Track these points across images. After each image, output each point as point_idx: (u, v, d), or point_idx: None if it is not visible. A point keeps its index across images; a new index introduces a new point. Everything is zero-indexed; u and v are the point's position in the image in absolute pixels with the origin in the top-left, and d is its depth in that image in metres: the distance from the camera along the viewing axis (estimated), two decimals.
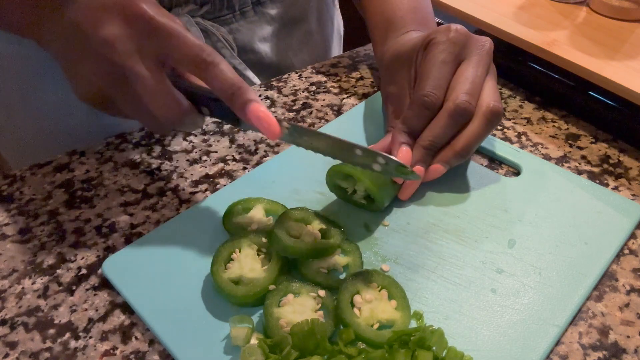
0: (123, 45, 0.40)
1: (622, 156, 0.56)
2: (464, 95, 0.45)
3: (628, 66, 0.57)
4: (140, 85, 0.40)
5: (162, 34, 0.40)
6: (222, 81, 0.40)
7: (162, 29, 0.40)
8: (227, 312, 0.40)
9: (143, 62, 0.40)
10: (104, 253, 0.46)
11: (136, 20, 0.40)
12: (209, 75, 0.40)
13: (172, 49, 0.40)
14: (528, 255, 0.44)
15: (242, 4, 0.67)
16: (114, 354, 0.39)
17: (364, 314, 0.38)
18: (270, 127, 0.40)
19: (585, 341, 0.39)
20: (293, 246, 0.41)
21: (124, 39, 0.40)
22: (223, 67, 0.40)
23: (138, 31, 0.40)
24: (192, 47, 0.40)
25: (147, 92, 0.40)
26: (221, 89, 0.40)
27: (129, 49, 0.40)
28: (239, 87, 0.40)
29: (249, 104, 0.40)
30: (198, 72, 0.41)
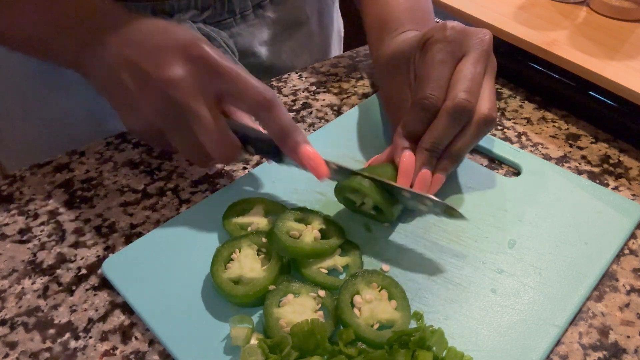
0: (187, 85, 0.41)
1: (622, 156, 0.56)
2: (462, 93, 0.44)
3: (628, 66, 0.57)
4: (199, 125, 0.42)
5: (225, 75, 0.42)
6: (280, 123, 0.43)
7: (227, 70, 0.42)
8: (227, 312, 0.40)
9: (204, 102, 0.42)
10: (104, 253, 0.46)
11: (199, 61, 0.42)
12: (268, 116, 0.42)
13: (235, 90, 0.42)
14: (528, 255, 0.44)
15: (243, 8, 0.67)
16: (114, 354, 0.39)
17: (364, 314, 0.38)
18: (318, 168, 0.43)
19: (585, 341, 0.39)
20: (293, 246, 0.41)
21: (188, 79, 0.41)
22: (282, 109, 0.43)
23: (201, 72, 0.42)
24: (256, 89, 0.42)
25: (205, 131, 0.42)
26: (277, 130, 0.43)
27: (193, 89, 0.41)
28: (294, 130, 0.43)
29: (300, 145, 0.43)
30: (257, 112, 0.43)
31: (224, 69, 0.42)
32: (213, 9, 0.64)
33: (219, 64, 0.42)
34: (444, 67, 0.46)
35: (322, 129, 0.58)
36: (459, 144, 0.45)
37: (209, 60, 0.42)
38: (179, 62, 0.41)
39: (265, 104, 0.42)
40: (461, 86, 0.45)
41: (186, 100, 0.41)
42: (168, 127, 0.43)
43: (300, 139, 0.43)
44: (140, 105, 0.43)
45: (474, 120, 0.45)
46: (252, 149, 0.47)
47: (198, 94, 0.41)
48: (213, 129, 0.42)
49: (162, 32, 0.44)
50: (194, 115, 0.41)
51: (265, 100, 0.42)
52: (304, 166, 0.44)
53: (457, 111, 0.44)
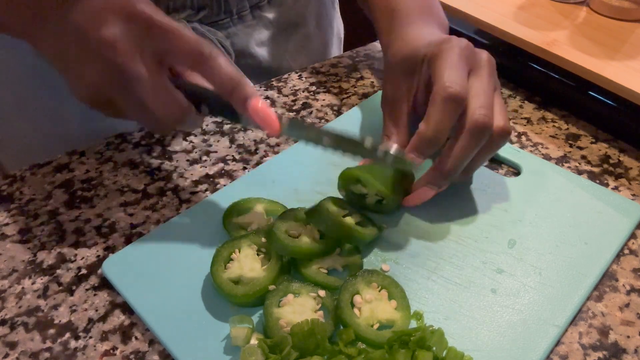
0: (123, 46, 0.39)
1: (622, 156, 0.56)
2: (481, 109, 0.42)
3: (628, 66, 0.57)
4: (140, 86, 0.40)
5: (160, 32, 0.40)
6: (222, 75, 0.40)
7: (160, 27, 0.40)
8: (227, 312, 0.40)
9: (143, 62, 0.40)
10: (104, 253, 0.46)
11: (135, 20, 0.40)
12: (208, 69, 0.40)
13: (170, 46, 0.40)
14: (528, 255, 0.44)
15: (240, 8, 0.67)
16: (113, 354, 0.39)
17: (364, 314, 0.38)
18: (270, 123, 0.41)
19: (585, 341, 0.39)
20: (291, 246, 0.41)
21: (124, 39, 0.39)
22: (222, 61, 0.40)
23: (137, 31, 0.40)
24: (190, 42, 0.40)
25: (147, 92, 0.40)
26: (221, 83, 0.41)
27: (129, 49, 0.40)
28: (239, 82, 0.40)
29: (249, 99, 0.40)
30: (197, 67, 0.41)
31: (159, 25, 0.40)
32: (209, 9, 0.64)
33: (154, 20, 0.40)
34: (461, 69, 0.44)
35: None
36: (476, 160, 0.45)
37: (144, 18, 0.40)
38: (114, 22, 0.39)
39: (202, 56, 0.40)
40: (477, 102, 0.43)
41: (122, 60, 0.39)
42: (113, 91, 0.41)
43: (248, 91, 0.40)
44: (83, 70, 0.41)
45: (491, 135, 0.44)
46: (206, 109, 0.44)
47: (134, 53, 0.40)
48: (155, 89, 0.40)
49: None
50: (133, 75, 0.40)
51: (201, 52, 0.40)
52: (255, 121, 0.41)
53: (478, 129, 0.42)
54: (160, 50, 0.41)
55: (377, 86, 0.67)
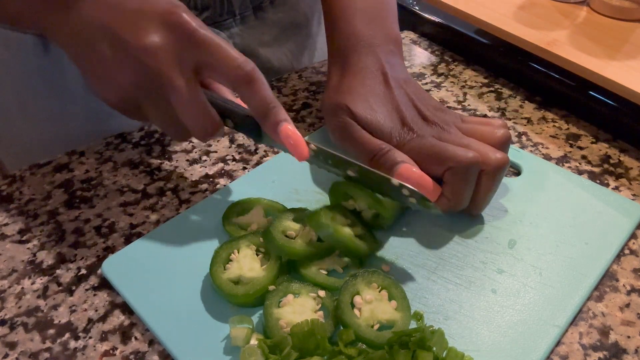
0: (164, 54, 0.39)
1: (622, 156, 0.56)
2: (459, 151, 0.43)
3: (628, 66, 0.57)
4: (176, 96, 0.40)
5: (204, 46, 0.40)
6: (260, 98, 0.41)
7: (206, 40, 0.40)
8: (227, 312, 0.40)
9: (182, 72, 0.40)
10: (103, 253, 0.46)
11: (179, 30, 0.39)
12: (248, 90, 0.40)
13: (213, 61, 0.40)
14: (528, 255, 0.44)
15: (243, 9, 0.67)
16: (113, 354, 0.39)
17: (364, 315, 0.38)
18: (300, 148, 0.41)
19: (585, 341, 0.39)
20: (287, 247, 0.41)
21: (166, 49, 0.39)
22: (263, 84, 0.41)
23: (180, 41, 0.39)
24: (236, 60, 0.40)
25: (182, 103, 0.40)
26: (257, 105, 0.41)
27: (170, 59, 0.39)
28: (274, 106, 0.41)
29: (281, 123, 0.41)
30: (237, 86, 0.41)
31: (203, 38, 0.39)
32: (212, 10, 0.64)
33: (198, 33, 0.39)
34: None
35: (322, 129, 0.58)
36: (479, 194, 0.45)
37: (188, 29, 0.39)
38: (156, 30, 0.39)
39: (245, 77, 0.40)
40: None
41: (162, 69, 0.39)
42: (144, 98, 0.41)
43: (281, 116, 0.41)
44: (115, 74, 0.41)
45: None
46: (232, 123, 0.44)
47: (175, 63, 0.39)
48: (190, 101, 0.40)
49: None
50: (171, 85, 0.39)
51: (245, 73, 0.40)
52: (284, 145, 0.42)
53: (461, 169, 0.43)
54: (201, 64, 0.40)
55: None
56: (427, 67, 0.71)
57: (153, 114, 0.42)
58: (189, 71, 0.40)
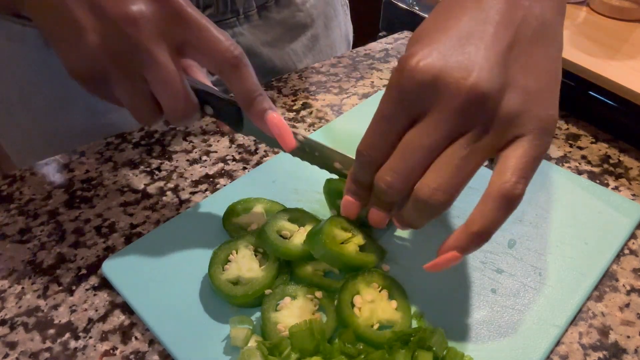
0: (148, 26, 0.37)
1: (622, 156, 0.56)
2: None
3: (628, 66, 0.57)
4: (155, 72, 0.38)
5: (191, 24, 0.38)
6: (247, 84, 0.39)
7: (192, 19, 0.38)
8: (227, 312, 0.40)
9: (164, 48, 0.38)
10: (104, 253, 0.46)
11: (165, 4, 0.37)
12: (235, 76, 0.39)
13: (200, 42, 0.38)
14: (528, 255, 0.44)
15: (247, 8, 0.67)
16: (113, 354, 0.39)
17: (364, 315, 0.38)
18: (286, 137, 0.40)
19: (585, 341, 0.39)
20: (282, 247, 0.41)
21: (150, 20, 0.37)
22: (250, 70, 0.39)
23: (166, 15, 0.37)
24: (224, 43, 0.38)
25: (161, 80, 0.38)
26: (243, 92, 0.39)
27: (154, 31, 0.37)
28: (261, 94, 0.39)
29: (268, 111, 0.39)
30: (223, 70, 0.39)
31: (190, 16, 0.37)
32: (215, 8, 0.64)
33: (185, 10, 0.37)
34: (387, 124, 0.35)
35: (322, 128, 0.58)
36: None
37: (176, 4, 0.37)
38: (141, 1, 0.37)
39: (232, 60, 0.38)
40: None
41: (145, 41, 0.37)
42: (115, 69, 0.38)
43: (268, 104, 0.39)
44: (88, 41, 0.38)
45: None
46: (211, 109, 0.42)
47: (158, 37, 0.37)
48: (170, 79, 0.38)
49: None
50: (152, 60, 0.37)
51: (233, 56, 0.38)
52: (270, 133, 0.40)
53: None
54: (185, 42, 0.38)
55: (377, 86, 0.67)
56: None
57: (122, 89, 0.40)
58: (173, 48, 0.38)
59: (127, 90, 0.39)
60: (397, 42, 0.77)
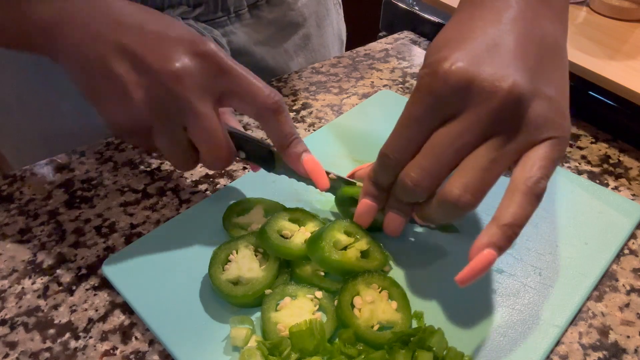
0: (192, 81, 0.39)
1: (622, 156, 0.56)
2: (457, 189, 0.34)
3: (628, 66, 0.57)
4: (198, 123, 0.40)
5: (232, 75, 0.40)
6: (284, 130, 0.42)
7: (233, 70, 0.40)
8: (227, 312, 0.40)
9: (206, 100, 0.40)
10: (104, 253, 0.46)
11: (207, 59, 0.40)
12: (274, 120, 0.41)
13: (242, 90, 0.40)
14: (528, 255, 0.44)
15: (238, 7, 0.66)
16: (114, 354, 0.39)
17: (364, 315, 0.38)
18: (320, 179, 0.43)
19: (585, 341, 0.39)
20: (282, 247, 0.41)
21: (193, 75, 0.39)
22: (288, 115, 0.42)
23: (207, 69, 0.40)
24: (264, 91, 0.40)
25: (203, 131, 0.40)
26: (280, 136, 0.42)
27: (198, 86, 0.39)
28: (296, 137, 0.42)
29: (304, 154, 0.43)
30: (263, 115, 0.41)
31: (230, 67, 0.40)
32: (206, 6, 0.64)
33: (225, 62, 0.40)
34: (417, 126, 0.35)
35: (322, 129, 0.58)
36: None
37: (216, 58, 0.40)
38: (185, 56, 0.39)
39: (273, 107, 0.41)
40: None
41: (187, 95, 0.39)
42: (159, 123, 0.41)
43: (303, 147, 0.43)
44: (132, 96, 0.40)
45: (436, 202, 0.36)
46: (244, 154, 0.46)
47: (201, 91, 0.40)
48: (212, 129, 0.40)
49: (160, 20, 0.41)
50: (193, 112, 0.39)
51: (273, 102, 0.41)
52: (305, 175, 0.43)
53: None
54: (226, 92, 0.41)
55: (377, 86, 0.67)
56: None
57: (163, 141, 0.42)
58: (213, 100, 0.41)
59: (168, 141, 0.42)
60: (397, 42, 0.77)
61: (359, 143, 0.56)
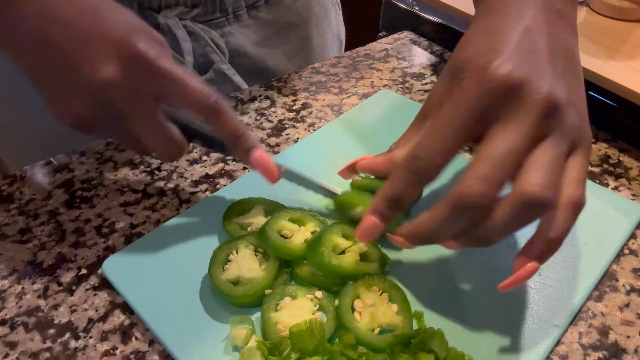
0: (122, 89, 0.38)
1: (622, 156, 0.56)
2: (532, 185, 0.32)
3: (628, 66, 0.57)
4: (138, 127, 0.40)
5: (164, 78, 0.38)
6: (228, 127, 0.41)
7: (165, 71, 0.38)
8: (227, 312, 0.40)
9: (145, 106, 0.39)
10: (104, 253, 0.46)
11: (135, 63, 0.37)
12: (215, 121, 0.41)
13: (175, 93, 0.39)
14: None
15: (236, 8, 0.66)
16: (114, 354, 0.39)
17: (364, 319, 0.38)
18: (270, 174, 0.43)
19: (585, 341, 0.39)
20: (282, 246, 0.41)
21: (124, 82, 0.37)
22: (229, 113, 0.41)
23: (137, 74, 0.38)
24: (197, 94, 0.39)
25: (146, 134, 0.40)
26: (226, 135, 0.41)
27: (129, 93, 0.38)
28: (244, 134, 0.41)
29: (252, 150, 0.42)
30: (204, 116, 0.40)
31: (162, 70, 0.38)
32: (203, 7, 0.63)
33: (156, 64, 0.37)
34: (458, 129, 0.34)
35: (322, 129, 0.58)
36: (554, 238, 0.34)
37: (146, 60, 0.37)
38: (112, 61, 0.37)
39: (210, 109, 0.39)
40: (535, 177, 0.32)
41: (122, 105, 0.38)
42: (103, 125, 0.40)
43: (251, 143, 0.42)
44: (70, 98, 0.38)
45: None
46: (199, 142, 0.45)
47: (135, 97, 0.38)
48: (152, 131, 0.39)
49: (92, 14, 0.38)
50: (132, 119, 0.39)
51: (209, 105, 0.39)
52: (256, 170, 0.43)
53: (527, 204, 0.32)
54: (161, 95, 0.39)
55: (377, 86, 0.67)
56: (427, 67, 0.71)
57: (114, 136, 0.42)
58: (150, 102, 0.39)
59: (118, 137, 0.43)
60: (397, 42, 0.77)
61: (359, 143, 0.56)
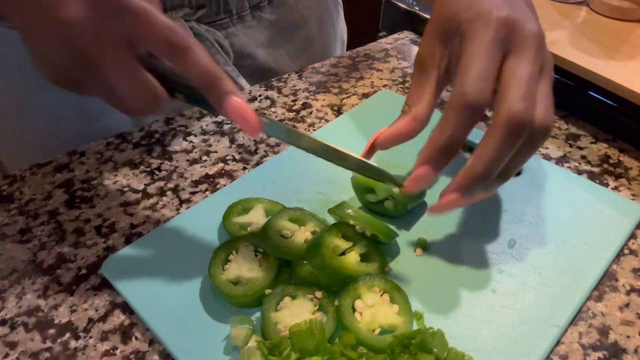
0: (87, 27, 0.35)
1: (622, 156, 0.56)
2: (519, 102, 0.35)
3: (628, 66, 0.57)
4: (108, 72, 0.36)
5: (128, 15, 0.35)
6: (197, 68, 0.36)
7: (130, 8, 0.35)
8: (227, 312, 0.40)
9: (110, 46, 0.35)
10: (104, 253, 0.46)
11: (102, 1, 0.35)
12: (182, 61, 0.36)
13: (141, 31, 0.36)
14: (528, 255, 0.44)
15: (240, 9, 0.67)
16: (114, 354, 0.39)
17: (365, 319, 0.38)
18: (249, 122, 0.37)
19: (585, 341, 0.39)
20: (283, 246, 0.41)
21: (88, 20, 0.35)
22: (197, 52, 0.36)
23: (103, 12, 0.35)
24: (161, 29, 0.35)
25: (116, 79, 0.36)
26: (196, 77, 0.37)
27: (94, 32, 0.35)
28: (215, 76, 0.36)
29: (225, 96, 0.36)
30: (169, 57, 0.37)
31: (128, 6, 0.35)
32: (208, 8, 0.63)
33: (122, 1, 0.35)
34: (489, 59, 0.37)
35: (322, 128, 0.58)
36: (514, 161, 0.38)
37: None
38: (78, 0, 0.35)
39: (177, 46, 0.35)
40: (516, 93, 0.36)
41: (85, 43, 0.35)
42: (79, 75, 0.37)
43: (226, 88, 0.36)
44: (45, 48, 0.37)
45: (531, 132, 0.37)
46: (182, 96, 0.40)
47: (99, 36, 0.35)
48: (125, 77, 0.36)
49: None
50: (97, 60, 0.35)
51: (176, 41, 0.35)
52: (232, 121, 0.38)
53: (514, 125, 0.35)
54: (129, 35, 0.36)
55: (377, 86, 0.67)
56: None
57: (93, 89, 0.38)
58: (119, 44, 0.36)
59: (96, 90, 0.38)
60: (397, 42, 0.77)
61: (359, 143, 0.56)
